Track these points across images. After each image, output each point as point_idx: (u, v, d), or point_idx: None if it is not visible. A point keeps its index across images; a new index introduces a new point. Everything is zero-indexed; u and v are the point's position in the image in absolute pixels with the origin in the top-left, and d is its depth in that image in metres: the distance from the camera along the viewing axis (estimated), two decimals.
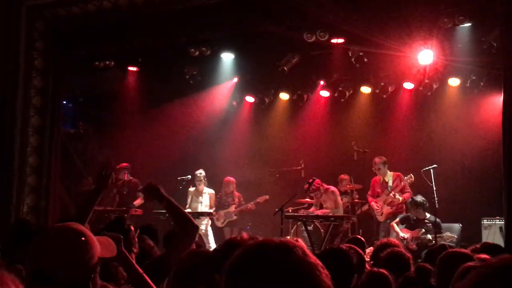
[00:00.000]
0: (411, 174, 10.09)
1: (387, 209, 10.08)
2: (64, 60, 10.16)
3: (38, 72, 9.69)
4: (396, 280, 3.85)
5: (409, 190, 10.08)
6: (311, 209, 10.62)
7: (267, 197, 11.62)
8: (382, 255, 4.58)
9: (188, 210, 10.93)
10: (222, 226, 11.53)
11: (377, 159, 10.30)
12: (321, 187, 10.44)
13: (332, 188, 10.51)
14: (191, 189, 11.32)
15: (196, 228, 3.88)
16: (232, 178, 11.66)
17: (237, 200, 11.55)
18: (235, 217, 11.47)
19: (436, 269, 3.83)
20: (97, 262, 2.35)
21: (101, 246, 2.40)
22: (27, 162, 9.53)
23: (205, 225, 11.09)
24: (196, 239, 4.19)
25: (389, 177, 10.23)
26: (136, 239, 4.10)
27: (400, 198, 10.00)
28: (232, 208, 11.46)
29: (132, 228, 4.08)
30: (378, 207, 10.20)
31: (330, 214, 10.03)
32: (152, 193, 3.89)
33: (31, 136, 9.60)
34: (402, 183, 10.06)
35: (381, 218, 10.22)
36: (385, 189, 10.17)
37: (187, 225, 3.78)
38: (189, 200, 11.28)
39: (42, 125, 9.71)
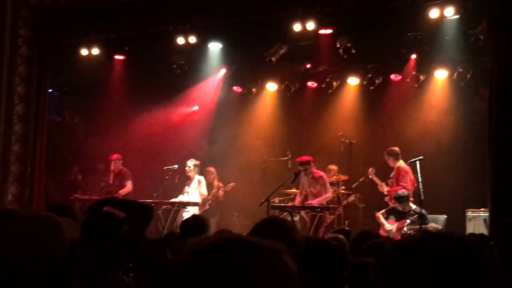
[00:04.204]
0: (372, 168, 10.27)
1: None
2: (50, 48, 10.08)
3: (23, 60, 9.62)
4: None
5: (402, 184, 9.97)
6: (296, 200, 10.50)
7: (233, 184, 11.60)
8: (364, 245, 4.55)
9: (181, 198, 10.86)
10: None
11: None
12: (313, 168, 10.26)
13: (321, 173, 10.43)
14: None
15: (150, 209, 3.45)
16: (212, 168, 11.50)
17: (215, 190, 11.35)
18: (207, 207, 11.23)
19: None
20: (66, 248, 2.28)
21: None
22: (11, 150, 9.47)
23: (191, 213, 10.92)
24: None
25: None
26: None
27: (385, 190, 10.00)
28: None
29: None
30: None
31: (316, 205, 10.01)
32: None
33: (15, 124, 9.53)
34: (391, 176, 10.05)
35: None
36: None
37: (140, 210, 3.31)
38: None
39: (27, 113, 9.65)
